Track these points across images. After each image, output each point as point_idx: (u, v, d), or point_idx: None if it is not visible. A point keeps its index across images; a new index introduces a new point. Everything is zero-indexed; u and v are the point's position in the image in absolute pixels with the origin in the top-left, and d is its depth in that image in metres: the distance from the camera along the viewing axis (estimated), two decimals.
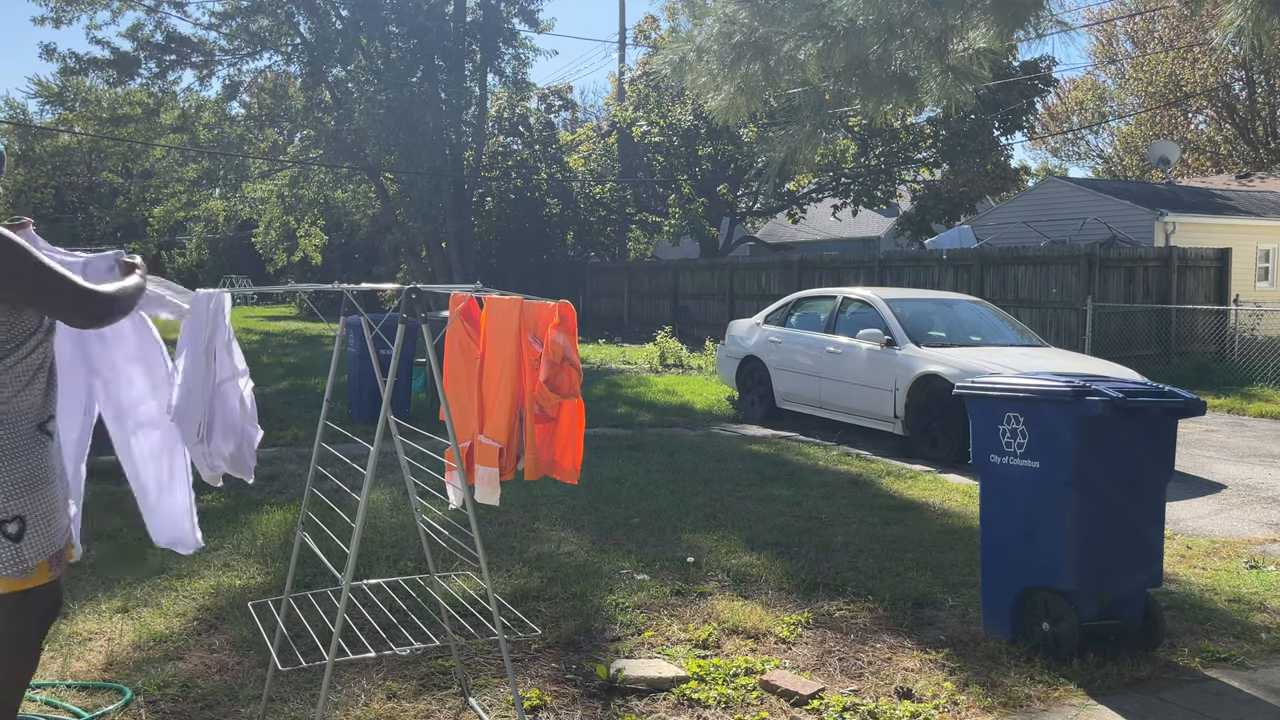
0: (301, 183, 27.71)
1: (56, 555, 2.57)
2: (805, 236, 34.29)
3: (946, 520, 6.20)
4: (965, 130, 25.13)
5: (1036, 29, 5.44)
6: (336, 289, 3.00)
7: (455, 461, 2.87)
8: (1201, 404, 4.02)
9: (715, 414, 11.01)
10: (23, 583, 2.50)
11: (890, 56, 5.54)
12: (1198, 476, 8.06)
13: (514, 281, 25.73)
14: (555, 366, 2.82)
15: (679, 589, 4.64)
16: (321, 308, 27.74)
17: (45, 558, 2.52)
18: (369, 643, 3.14)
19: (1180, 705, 3.55)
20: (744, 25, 5.79)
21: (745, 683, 3.62)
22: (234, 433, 2.73)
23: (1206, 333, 16.58)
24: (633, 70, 30.12)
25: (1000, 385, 4.12)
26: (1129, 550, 3.95)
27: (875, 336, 9.36)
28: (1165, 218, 18.82)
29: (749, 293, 22.51)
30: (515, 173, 28.91)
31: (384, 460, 6.33)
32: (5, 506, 2.45)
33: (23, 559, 2.47)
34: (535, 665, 3.77)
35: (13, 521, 2.46)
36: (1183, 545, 5.80)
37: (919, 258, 18.88)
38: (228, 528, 5.49)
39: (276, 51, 25.03)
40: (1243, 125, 34.72)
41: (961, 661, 3.89)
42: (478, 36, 25.36)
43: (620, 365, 16.87)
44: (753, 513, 6.24)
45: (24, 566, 2.48)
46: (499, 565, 4.91)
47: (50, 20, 23.04)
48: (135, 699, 3.38)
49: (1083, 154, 42.33)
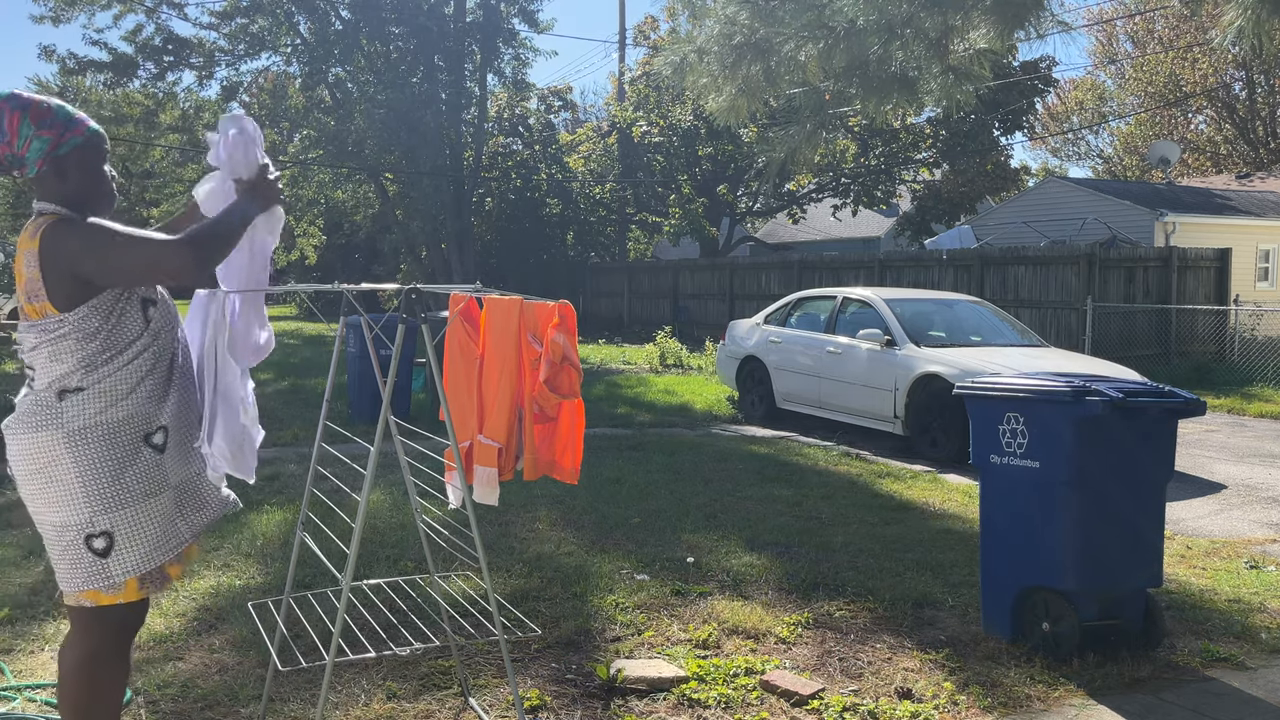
0: (301, 183, 27.71)
1: (153, 574, 2.48)
2: (805, 236, 34.30)
3: (946, 520, 6.20)
4: (965, 130, 25.14)
5: (1036, 29, 5.44)
6: (336, 289, 3.00)
7: (455, 461, 2.87)
8: (1201, 404, 4.02)
9: (715, 414, 11.01)
10: (112, 598, 2.43)
11: (890, 57, 5.54)
12: (1198, 476, 8.06)
13: (514, 281, 25.75)
14: (555, 366, 2.82)
15: (679, 589, 4.64)
16: (321, 308, 27.73)
17: (135, 575, 2.44)
18: (369, 643, 3.14)
19: (1180, 705, 3.55)
20: (744, 26, 5.79)
21: (745, 683, 3.62)
22: (236, 433, 2.73)
23: (1206, 333, 16.58)
24: (633, 70, 30.15)
25: (1000, 385, 4.12)
26: (1129, 550, 3.95)
27: (875, 336, 9.36)
28: (1165, 218, 18.82)
29: (749, 293, 22.51)
30: (515, 173, 28.91)
31: (384, 460, 6.33)
32: (93, 521, 2.38)
33: (109, 574, 2.40)
34: (535, 665, 3.77)
35: (100, 537, 2.39)
36: (1183, 545, 5.80)
37: (919, 258, 18.88)
38: (228, 528, 5.49)
39: (276, 52, 25.04)
40: (1243, 125, 34.72)
41: (961, 661, 3.89)
42: (477, 37, 25.37)
43: (620, 365, 16.87)
44: (753, 513, 6.24)
45: (111, 582, 2.41)
46: (499, 565, 4.91)
47: (49, 19, 23.05)
48: (135, 699, 3.37)
49: (1083, 154, 42.35)
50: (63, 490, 2.38)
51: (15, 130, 2.35)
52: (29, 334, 2.42)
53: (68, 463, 2.37)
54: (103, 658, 2.47)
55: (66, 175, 2.42)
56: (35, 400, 2.41)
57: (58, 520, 2.40)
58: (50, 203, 2.43)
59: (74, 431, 2.38)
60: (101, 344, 2.40)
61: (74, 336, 2.38)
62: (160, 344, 2.52)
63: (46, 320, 2.38)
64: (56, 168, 2.41)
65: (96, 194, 2.49)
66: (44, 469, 2.39)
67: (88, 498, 2.38)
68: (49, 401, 2.39)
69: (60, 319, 2.37)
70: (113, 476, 2.40)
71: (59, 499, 2.39)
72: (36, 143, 2.37)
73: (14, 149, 2.37)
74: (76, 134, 2.43)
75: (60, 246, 2.33)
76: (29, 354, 2.44)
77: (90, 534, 2.39)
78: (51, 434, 2.37)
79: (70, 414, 2.38)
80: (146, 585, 2.48)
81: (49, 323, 2.38)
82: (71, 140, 2.42)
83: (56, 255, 2.33)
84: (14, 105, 2.36)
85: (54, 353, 2.40)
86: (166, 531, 2.51)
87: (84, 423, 2.38)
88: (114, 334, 2.42)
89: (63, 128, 2.40)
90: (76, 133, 2.43)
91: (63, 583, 2.44)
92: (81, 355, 2.39)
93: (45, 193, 2.44)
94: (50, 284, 2.35)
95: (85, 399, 2.39)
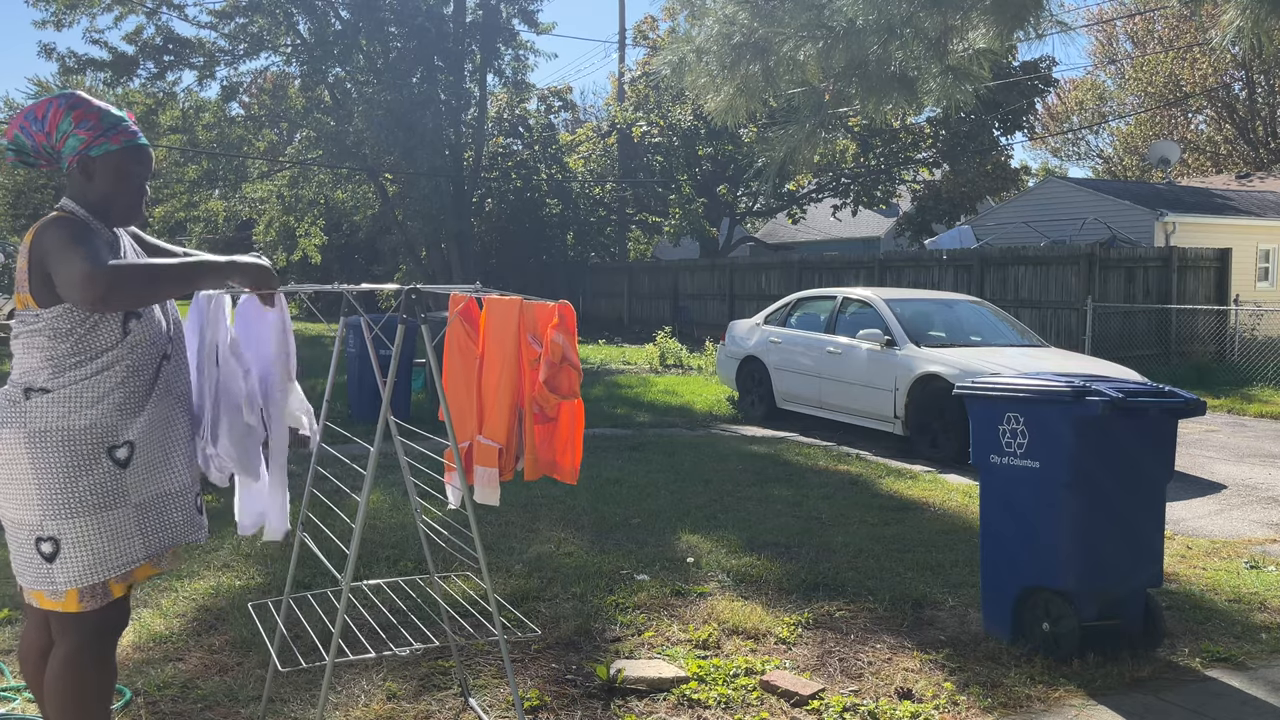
0: (301, 183, 27.72)
1: (95, 588, 2.43)
2: (805, 237, 34.30)
3: (946, 520, 6.20)
4: (965, 130, 25.15)
5: (1036, 29, 5.44)
6: (336, 289, 3.00)
7: (455, 462, 2.87)
8: (1201, 404, 4.02)
9: (715, 414, 11.01)
10: (54, 604, 2.42)
11: (890, 57, 5.54)
12: (1198, 476, 8.05)
13: (514, 282, 25.73)
14: (554, 367, 2.82)
15: (679, 589, 4.64)
16: (321, 308, 27.73)
17: (76, 587, 2.40)
18: (369, 643, 3.14)
19: (1180, 705, 3.55)
20: (743, 26, 5.79)
21: (745, 683, 3.62)
22: (240, 434, 2.73)
23: (1206, 333, 16.57)
24: (632, 71, 30.17)
25: (1000, 385, 4.12)
26: (1129, 550, 3.95)
27: (875, 337, 9.36)
28: (1165, 218, 18.81)
29: (749, 293, 22.51)
30: (515, 173, 28.90)
31: (384, 460, 6.33)
32: (42, 524, 2.38)
33: (53, 580, 2.39)
34: (535, 665, 3.77)
35: (47, 541, 2.38)
36: (1183, 545, 5.80)
37: (919, 258, 18.88)
38: (228, 528, 5.48)
39: (276, 52, 25.03)
40: (1243, 125, 34.73)
41: (962, 662, 3.89)
42: (477, 37, 25.37)
43: (620, 366, 16.87)
44: (753, 513, 6.24)
45: (54, 589, 2.40)
46: (499, 565, 4.91)
47: (51, 24, 23.07)
48: (135, 699, 3.37)
49: (1083, 154, 42.36)
50: (19, 489, 2.39)
51: (55, 124, 2.42)
52: (13, 323, 2.47)
53: (25, 463, 2.38)
54: (84, 660, 2.45)
55: (93, 177, 2.46)
56: (4, 396, 2.43)
57: (15, 517, 2.42)
58: (72, 201, 2.48)
59: (34, 432, 2.37)
60: (72, 347, 2.40)
61: (46, 333, 2.40)
62: (137, 357, 2.48)
63: (26, 311, 2.42)
64: (84, 168, 2.45)
65: (121, 204, 2.51)
66: (5, 465, 2.40)
67: (40, 501, 2.37)
68: (15, 398, 2.41)
69: (37, 314, 2.40)
70: (65, 483, 2.38)
71: (16, 496, 2.40)
72: (72, 139, 2.43)
73: (51, 141, 2.44)
74: (114, 141, 2.47)
75: (40, 243, 2.36)
76: (12, 342, 2.48)
77: (40, 536, 2.39)
78: (14, 431, 2.38)
79: (34, 414, 2.38)
80: (86, 599, 2.43)
81: (28, 314, 2.42)
82: (105, 145, 2.46)
83: (36, 251, 2.37)
84: (64, 102, 2.43)
85: (27, 345, 2.42)
86: (117, 548, 2.44)
87: (45, 425, 2.38)
88: (86, 339, 2.41)
89: (100, 131, 2.45)
90: (114, 140, 2.47)
91: (20, 577, 2.46)
92: (50, 354, 2.40)
93: (72, 191, 2.49)
94: (31, 277, 2.38)
95: (50, 401, 2.39)
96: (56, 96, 2.43)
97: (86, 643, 2.46)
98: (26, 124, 2.42)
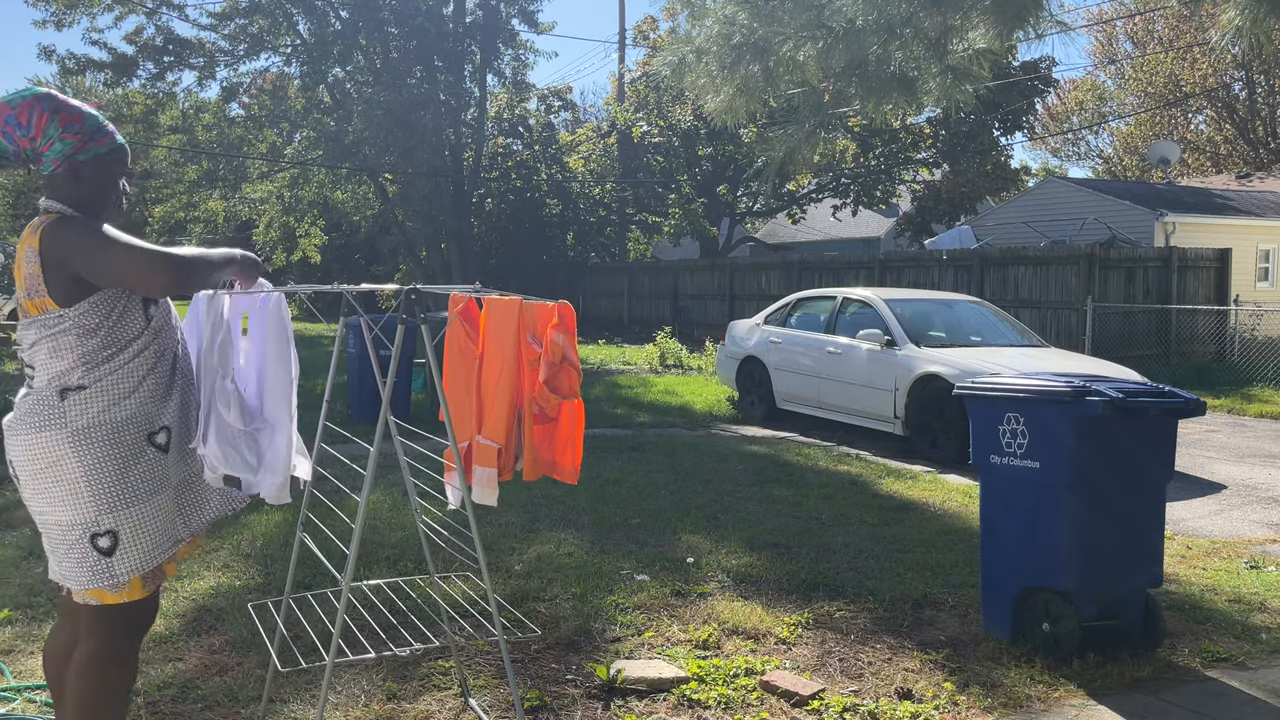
0: (301, 183, 27.71)
1: (154, 572, 2.52)
2: (805, 237, 34.31)
3: (946, 520, 6.20)
4: (965, 130, 25.15)
5: (1036, 29, 5.44)
6: (336, 290, 3.00)
7: (454, 462, 2.87)
8: (1201, 404, 4.02)
9: (715, 414, 11.01)
10: (116, 596, 2.46)
11: (890, 57, 5.53)
12: (1198, 476, 8.05)
13: (513, 282, 25.72)
14: (554, 367, 2.82)
15: (679, 589, 4.64)
16: (321, 308, 27.73)
17: (139, 574, 2.47)
18: (369, 643, 3.14)
19: (1180, 705, 3.55)
20: (743, 26, 5.78)
21: (745, 683, 3.62)
22: (229, 436, 2.73)
23: (1206, 333, 16.57)
24: (632, 71, 30.17)
25: (1000, 385, 4.12)
26: (1129, 550, 3.95)
27: (875, 337, 9.36)
28: (1165, 218, 18.81)
29: (749, 293, 22.51)
30: (515, 173, 28.90)
31: (384, 461, 6.33)
32: (98, 520, 2.41)
33: (114, 574, 2.43)
34: (535, 666, 3.77)
35: (105, 535, 2.41)
36: (1183, 545, 5.80)
37: (919, 258, 18.88)
38: (228, 528, 5.49)
39: (275, 52, 25.04)
40: (1243, 125, 34.73)
41: (962, 662, 3.89)
42: (477, 37, 25.38)
43: (620, 366, 16.87)
44: (753, 513, 6.24)
45: (115, 581, 2.44)
46: (498, 566, 4.91)
47: (51, 24, 23.07)
48: (135, 699, 3.37)
49: (1083, 154, 42.36)
50: (68, 489, 2.40)
51: (42, 129, 2.42)
52: (29, 330, 2.44)
53: (72, 462, 2.39)
54: (110, 657, 2.49)
55: (81, 180, 2.48)
56: (37, 399, 2.42)
57: (63, 519, 2.42)
58: (58, 202, 2.48)
59: (78, 430, 2.39)
60: (102, 340, 2.42)
61: (74, 332, 2.40)
62: (161, 342, 2.54)
63: (46, 315, 2.41)
64: (73, 171, 2.47)
65: (106, 202, 2.55)
66: (48, 468, 2.40)
67: (93, 497, 2.40)
68: (51, 401, 2.40)
69: (60, 314, 2.40)
70: (117, 475, 2.42)
71: (64, 498, 2.41)
72: (60, 144, 2.44)
73: (35, 145, 2.44)
74: (100, 144, 2.50)
75: (59, 243, 2.38)
76: (28, 351, 2.46)
77: (95, 533, 2.41)
78: (56, 433, 2.39)
79: (74, 413, 2.40)
80: (149, 583, 2.51)
81: (49, 318, 2.41)
82: (94, 149, 2.48)
83: (55, 251, 2.37)
84: (45, 106, 2.43)
85: (54, 348, 2.41)
86: (167, 530, 2.54)
87: (88, 421, 2.40)
88: (114, 331, 2.44)
89: (88, 135, 2.47)
90: (101, 143, 2.50)
91: (69, 581, 2.45)
92: (81, 352, 2.41)
93: (56, 192, 2.49)
94: (50, 279, 2.38)
95: (88, 397, 2.41)
96: (33, 99, 2.41)
97: (116, 638, 2.50)
98: (9, 129, 2.41)
